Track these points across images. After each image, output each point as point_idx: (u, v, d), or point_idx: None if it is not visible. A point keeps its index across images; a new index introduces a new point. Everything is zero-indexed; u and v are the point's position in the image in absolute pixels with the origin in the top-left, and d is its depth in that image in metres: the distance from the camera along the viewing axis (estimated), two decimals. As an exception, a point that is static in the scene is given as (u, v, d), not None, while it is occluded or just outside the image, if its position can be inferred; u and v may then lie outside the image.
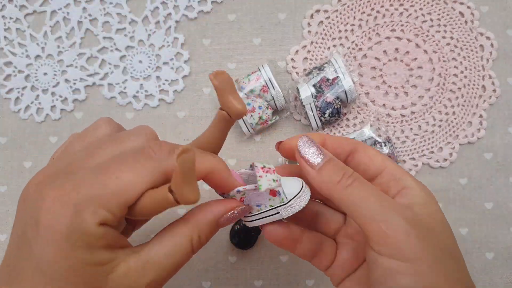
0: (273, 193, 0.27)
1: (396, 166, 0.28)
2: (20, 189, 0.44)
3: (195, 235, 0.25)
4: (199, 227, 0.25)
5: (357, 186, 0.25)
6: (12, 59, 0.46)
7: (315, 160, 0.27)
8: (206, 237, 0.26)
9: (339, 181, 0.26)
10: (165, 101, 0.47)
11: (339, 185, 0.26)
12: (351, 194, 0.25)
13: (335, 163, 0.27)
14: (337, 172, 0.26)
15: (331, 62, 0.44)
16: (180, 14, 0.47)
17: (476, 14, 0.46)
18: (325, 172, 0.26)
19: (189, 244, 0.25)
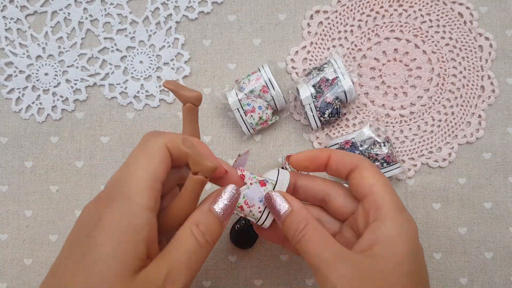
0: (263, 183, 0.32)
1: (383, 193, 0.29)
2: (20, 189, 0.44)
3: (193, 226, 0.27)
4: (194, 217, 0.27)
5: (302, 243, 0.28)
6: (13, 60, 0.47)
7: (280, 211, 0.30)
8: (205, 225, 0.27)
9: (292, 237, 0.29)
10: (165, 101, 0.47)
11: (292, 240, 0.29)
12: (300, 249, 0.29)
13: (291, 218, 0.29)
14: (291, 229, 0.29)
15: (330, 63, 0.44)
16: (180, 15, 0.47)
17: (475, 14, 0.47)
18: (285, 226, 0.30)
19: (189, 232, 0.27)
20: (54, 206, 0.47)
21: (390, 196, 0.29)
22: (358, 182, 0.30)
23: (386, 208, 0.28)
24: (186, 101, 0.30)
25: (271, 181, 0.32)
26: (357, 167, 0.31)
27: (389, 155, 0.43)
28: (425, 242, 0.46)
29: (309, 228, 0.28)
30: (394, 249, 0.27)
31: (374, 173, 0.30)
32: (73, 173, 0.47)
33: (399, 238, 0.27)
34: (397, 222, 0.28)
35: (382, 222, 0.28)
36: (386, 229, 0.28)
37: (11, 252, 0.46)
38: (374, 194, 0.29)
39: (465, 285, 0.46)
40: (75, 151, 0.47)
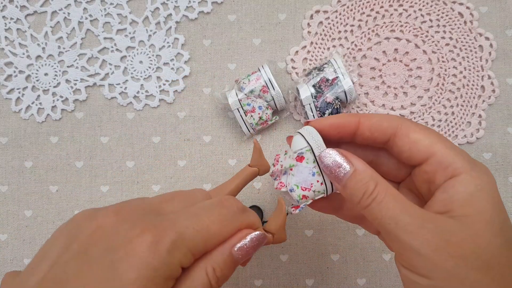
0: (300, 158, 0.27)
1: (446, 150, 0.25)
2: (20, 189, 0.44)
3: (209, 267, 0.24)
4: (212, 259, 0.25)
5: (374, 207, 0.24)
6: (13, 60, 0.47)
7: (338, 174, 0.26)
8: (221, 269, 0.25)
9: (358, 201, 0.25)
10: (165, 101, 0.47)
11: (360, 205, 0.25)
12: (370, 215, 0.24)
13: (357, 179, 0.25)
14: (358, 191, 0.25)
15: (330, 63, 0.44)
16: (180, 15, 0.47)
17: (475, 14, 0.47)
18: (348, 191, 0.25)
19: (205, 275, 0.24)
20: (54, 206, 0.47)
21: (456, 151, 0.25)
22: (410, 147, 0.26)
23: (457, 164, 0.24)
24: (257, 166, 0.33)
25: (305, 149, 0.27)
26: (399, 130, 0.26)
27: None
28: (425, 242, 0.46)
29: (381, 189, 0.24)
30: (478, 207, 0.23)
31: (425, 131, 0.26)
32: (73, 173, 0.47)
33: (481, 193, 0.23)
34: (474, 176, 0.24)
35: (455, 179, 0.24)
36: (463, 186, 0.24)
37: (11, 252, 0.46)
38: (437, 154, 0.25)
39: (465, 285, 0.46)
40: (75, 151, 0.47)
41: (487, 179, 0.24)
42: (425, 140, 0.25)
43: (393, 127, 0.26)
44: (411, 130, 0.26)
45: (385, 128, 0.27)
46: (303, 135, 0.27)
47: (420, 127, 0.26)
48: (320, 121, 0.28)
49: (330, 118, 0.28)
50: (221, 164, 0.47)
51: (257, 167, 0.32)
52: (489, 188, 0.24)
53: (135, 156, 0.47)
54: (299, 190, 0.27)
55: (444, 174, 0.25)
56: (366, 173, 0.25)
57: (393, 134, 0.26)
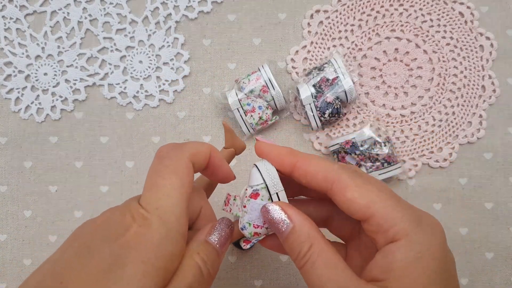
0: (255, 195, 0.26)
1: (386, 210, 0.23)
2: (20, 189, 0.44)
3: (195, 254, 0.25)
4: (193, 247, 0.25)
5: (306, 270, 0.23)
6: (12, 59, 0.47)
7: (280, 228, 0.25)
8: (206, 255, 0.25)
9: (295, 260, 0.24)
10: (165, 101, 0.47)
11: (296, 264, 0.24)
12: (304, 275, 0.24)
13: (293, 237, 0.24)
14: (293, 251, 0.24)
15: (331, 62, 0.44)
16: (180, 15, 0.47)
17: (476, 14, 0.47)
18: (287, 246, 0.25)
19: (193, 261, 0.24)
20: (53, 206, 0.46)
21: (397, 210, 0.23)
22: (347, 207, 0.24)
23: (397, 228, 0.23)
24: (232, 147, 0.32)
25: (261, 186, 0.26)
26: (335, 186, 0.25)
27: (390, 155, 0.43)
28: (426, 243, 0.46)
29: (314, 251, 0.23)
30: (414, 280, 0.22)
31: (361, 188, 0.24)
32: (73, 173, 0.47)
33: (418, 262, 0.22)
34: (415, 242, 0.22)
35: (396, 244, 0.23)
36: (401, 254, 0.22)
37: (10, 252, 0.46)
38: (376, 216, 0.23)
39: (466, 285, 0.46)
40: (75, 151, 0.47)
41: (429, 242, 0.23)
42: (362, 200, 0.24)
43: (328, 181, 0.25)
44: (347, 188, 0.24)
45: (320, 181, 0.25)
46: (260, 171, 0.26)
47: (358, 182, 0.24)
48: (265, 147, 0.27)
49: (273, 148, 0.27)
50: (221, 164, 0.47)
51: (232, 148, 0.32)
52: (430, 255, 0.22)
53: (134, 156, 0.47)
54: (251, 228, 0.27)
55: (384, 236, 0.23)
56: (303, 231, 0.24)
57: (329, 189, 0.25)
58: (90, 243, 0.22)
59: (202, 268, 0.24)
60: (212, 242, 0.26)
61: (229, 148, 0.32)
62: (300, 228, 0.24)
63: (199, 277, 0.24)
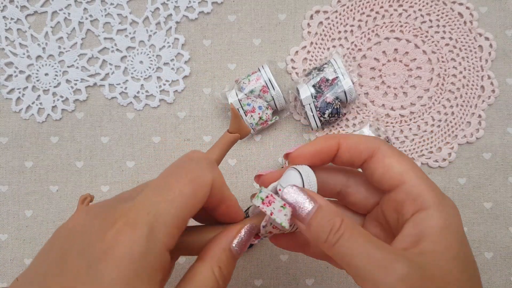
0: None
1: (417, 180, 0.25)
2: (21, 189, 0.44)
3: (215, 266, 0.24)
4: (216, 256, 0.24)
5: (342, 244, 0.23)
6: (13, 60, 0.47)
7: (302, 212, 0.24)
8: (226, 267, 0.24)
9: (325, 240, 0.23)
10: (165, 101, 0.47)
11: (326, 243, 0.23)
12: (338, 253, 0.23)
13: (321, 216, 0.24)
14: (323, 229, 0.23)
15: (330, 63, 0.44)
16: (180, 15, 0.47)
17: (475, 14, 0.47)
18: (313, 229, 0.24)
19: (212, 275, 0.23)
20: (54, 206, 0.47)
21: (426, 182, 0.25)
22: (382, 172, 0.25)
23: (426, 197, 0.24)
24: (237, 131, 0.32)
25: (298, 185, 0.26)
26: (375, 153, 0.26)
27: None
28: (425, 242, 0.46)
29: (348, 225, 0.23)
30: (447, 243, 0.23)
31: (399, 158, 0.25)
32: (73, 173, 0.47)
33: (448, 229, 0.23)
34: (443, 211, 0.24)
35: (425, 213, 0.24)
36: (432, 221, 0.23)
37: (11, 252, 0.46)
38: (408, 183, 0.25)
39: (465, 285, 0.46)
40: (75, 151, 0.47)
41: (454, 214, 0.24)
42: (398, 167, 0.25)
43: (369, 150, 0.26)
44: (387, 155, 0.26)
45: (362, 150, 0.26)
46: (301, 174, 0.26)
47: (396, 152, 0.26)
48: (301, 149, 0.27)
49: (310, 146, 0.27)
50: (221, 164, 0.47)
51: (237, 132, 0.32)
52: (456, 224, 0.24)
53: (135, 156, 0.47)
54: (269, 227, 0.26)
55: (413, 205, 0.24)
56: (331, 209, 0.24)
57: (369, 156, 0.26)
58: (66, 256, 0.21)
59: (219, 281, 0.23)
60: (234, 250, 0.25)
61: (234, 132, 0.32)
62: (327, 206, 0.24)
63: None
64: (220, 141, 0.32)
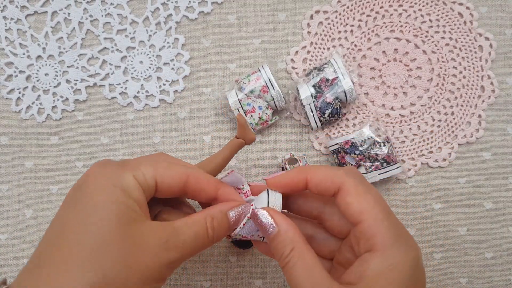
0: None
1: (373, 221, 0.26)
2: (21, 189, 0.44)
3: (208, 217, 0.28)
4: (212, 211, 0.29)
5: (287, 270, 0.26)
6: (13, 60, 0.47)
7: (267, 232, 0.28)
8: (218, 223, 0.28)
9: (278, 259, 0.27)
10: (165, 101, 0.47)
11: (279, 262, 0.27)
12: (285, 275, 0.26)
13: (277, 241, 0.27)
14: (277, 251, 0.27)
15: (330, 63, 0.44)
16: (180, 15, 0.47)
17: (475, 14, 0.47)
18: (272, 248, 0.28)
19: (204, 221, 0.28)
20: (54, 206, 0.47)
21: (382, 223, 0.26)
22: (344, 209, 0.27)
23: (377, 239, 0.25)
24: (243, 138, 0.36)
25: None
26: (340, 190, 0.28)
27: (389, 155, 0.43)
28: (425, 242, 0.46)
29: (295, 254, 0.26)
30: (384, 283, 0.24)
31: (359, 196, 0.27)
32: (73, 173, 0.47)
33: (391, 274, 0.24)
34: (389, 256, 0.25)
35: (371, 255, 0.25)
36: (374, 264, 0.25)
37: (11, 252, 0.46)
38: (364, 223, 0.26)
39: (465, 285, 0.46)
40: (75, 151, 0.47)
41: (402, 259, 0.25)
42: (357, 206, 0.27)
43: (335, 186, 0.28)
44: (349, 193, 0.27)
45: (328, 186, 0.28)
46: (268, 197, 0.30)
47: (359, 189, 0.27)
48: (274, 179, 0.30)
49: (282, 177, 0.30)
50: (221, 164, 0.47)
51: (243, 139, 0.36)
52: (400, 269, 0.25)
53: (135, 156, 0.47)
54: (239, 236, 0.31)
55: (365, 244, 0.26)
56: (287, 235, 0.27)
57: (336, 191, 0.28)
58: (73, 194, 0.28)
59: (209, 232, 0.28)
60: (230, 217, 0.29)
61: (240, 138, 0.36)
62: (284, 232, 0.27)
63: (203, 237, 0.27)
64: (227, 146, 0.36)
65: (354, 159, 0.43)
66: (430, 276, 0.46)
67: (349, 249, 0.29)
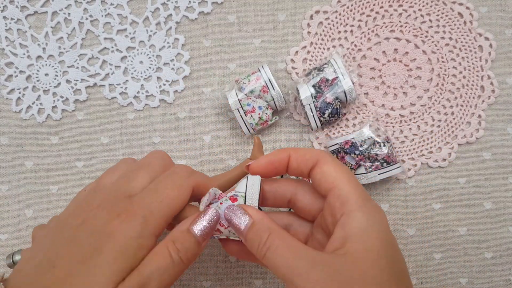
0: (233, 199, 0.30)
1: (346, 185, 0.28)
2: (21, 189, 0.44)
3: (169, 243, 0.28)
4: (172, 235, 0.28)
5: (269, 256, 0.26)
6: (13, 60, 0.47)
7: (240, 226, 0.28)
8: (181, 244, 0.28)
9: (256, 249, 0.27)
10: (165, 101, 0.47)
11: (258, 255, 0.27)
12: (268, 263, 0.26)
13: (253, 231, 0.28)
14: (253, 242, 0.27)
15: (330, 63, 0.44)
16: (180, 15, 0.47)
17: (475, 14, 0.47)
18: (248, 242, 0.28)
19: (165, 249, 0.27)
20: (54, 207, 0.47)
21: (354, 187, 0.28)
22: (320, 177, 0.29)
23: (352, 200, 0.27)
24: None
25: (241, 194, 0.30)
26: (318, 162, 0.29)
27: (389, 155, 0.43)
28: (425, 242, 0.46)
29: (273, 237, 0.26)
30: (368, 243, 0.25)
31: (335, 166, 0.29)
32: (73, 174, 0.47)
33: (371, 229, 0.26)
34: (366, 213, 0.26)
35: (350, 215, 0.26)
36: (355, 222, 0.26)
37: (11, 252, 0.46)
38: (338, 187, 0.28)
39: (465, 285, 0.46)
40: (75, 152, 0.47)
41: (378, 216, 0.27)
42: (333, 173, 0.28)
43: (314, 159, 0.30)
44: (326, 163, 0.29)
45: (307, 159, 0.30)
46: (247, 183, 0.31)
47: (336, 162, 0.30)
48: (257, 161, 0.31)
49: (265, 156, 0.31)
50: (221, 164, 0.47)
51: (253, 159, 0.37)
52: (379, 225, 0.26)
53: (135, 156, 0.47)
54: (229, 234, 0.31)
55: (341, 208, 0.27)
56: (262, 223, 0.28)
57: (314, 165, 0.30)
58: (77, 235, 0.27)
59: (174, 257, 0.27)
60: (194, 232, 0.28)
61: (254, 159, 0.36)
62: (259, 221, 0.28)
63: (168, 266, 0.27)
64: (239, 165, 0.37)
65: (354, 159, 0.43)
66: (430, 276, 0.46)
67: (320, 230, 0.30)
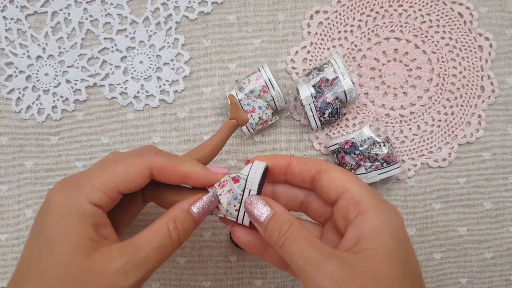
0: (236, 179, 0.31)
1: (358, 188, 0.28)
2: (21, 189, 0.45)
3: (170, 221, 0.29)
4: (173, 214, 0.29)
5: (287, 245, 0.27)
6: (13, 60, 0.47)
7: (260, 218, 0.29)
8: (181, 223, 0.29)
9: (275, 241, 0.28)
10: (165, 101, 0.47)
11: (276, 245, 0.28)
12: (284, 253, 0.27)
13: (274, 220, 0.28)
14: (275, 232, 0.28)
15: (330, 63, 0.44)
16: (180, 15, 0.47)
17: (475, 14, 0.47)
18: (267, 232, 0.29)
19: (166, 227, 0.28)
20: (54, 206, 0.47)
21: (366, 189, 0.28)
22: (328, 183, 0.29)
23: (365, 201, 0.27)
24: (236, 119, 0.37)
25: (243, 176, 0.31)
26: (322, 169, 0.30)
27: (389, 155, 0.43)
28: (425, 242, 0.46)
29: (294, 229, 0.27)
30: (382, 241, 0.26)
31: (343, 171, 0.30)
32: (73, 173, 0.47)
33: (385, 229, 0.26)
34: (381, 213, 0.27)
35: (364, 215, 0.27)
36: (369, 222, 0.26)
37: (11, 252, 0.46)
38: (350, 190, 0.28)
39: (465, 285, 0.46)
40: (75, 151, 0.47)
41: (393, 216, 0.27)
42: (342, 177, 0.29)
43: (317, 166, 0.30)
44: (333, 169, 0.30)
45: (310, 166, 0.30)
46: (251, 166, 0.31)
47: (341, 168, 0.30)
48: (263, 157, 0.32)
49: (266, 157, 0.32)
50: (221, 164, 0.47)
51: (235, 119, 0.37)
52: (394, 225, 0.27)
53: (135, 156, 0.47)
54: None
55: (355, 209, 0.27)
56: (284, 216, 0.28)
57: (317, 172, 0.30)
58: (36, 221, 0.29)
59: (173, 236, 0.28)
60: (193, 212, 0.30)
61: (233, 119, 0.37)
62: (281, 213, 0.28)
63: (167, 243, 0.28)
64: (220, 129, 0.36)
65: (354, 159, 0.43)
66: (430, 276, 0.46)
67: (332, 231, 0.31)
